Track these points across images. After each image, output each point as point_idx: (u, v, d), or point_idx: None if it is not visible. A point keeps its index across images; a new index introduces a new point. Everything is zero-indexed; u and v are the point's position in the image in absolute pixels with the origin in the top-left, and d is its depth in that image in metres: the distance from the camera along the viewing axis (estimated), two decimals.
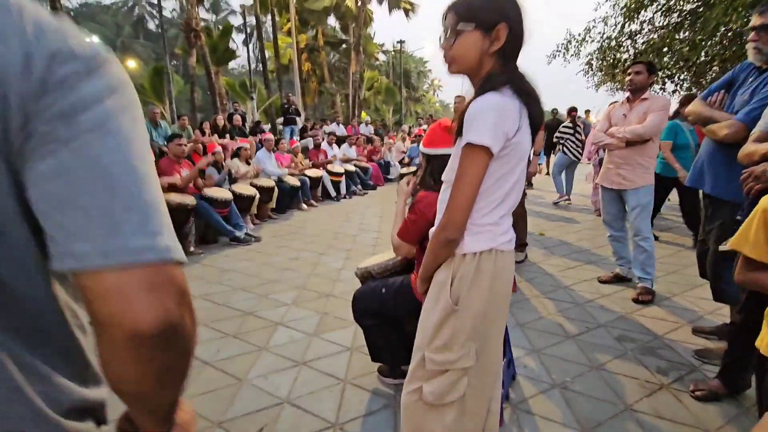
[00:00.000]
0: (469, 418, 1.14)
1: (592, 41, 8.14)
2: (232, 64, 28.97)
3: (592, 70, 8.67)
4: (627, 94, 3.15)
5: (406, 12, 17.40)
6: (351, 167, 8.67)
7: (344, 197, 8.00)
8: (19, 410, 0.41)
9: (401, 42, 18.69)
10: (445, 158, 1.77)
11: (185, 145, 4.65)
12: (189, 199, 4.29)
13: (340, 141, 9.91)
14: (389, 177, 10.17)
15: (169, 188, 4.37)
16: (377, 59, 24.58)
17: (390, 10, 17.47)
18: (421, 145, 1.84)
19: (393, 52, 25.26)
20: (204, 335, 2.62)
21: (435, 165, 1.78)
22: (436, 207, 1.71)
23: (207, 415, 1.86)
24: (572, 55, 8.45)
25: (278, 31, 17.36)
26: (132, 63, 20.84)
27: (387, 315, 1.91)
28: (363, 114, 17.45)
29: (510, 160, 1.06)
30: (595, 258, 4.02)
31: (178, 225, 4.24)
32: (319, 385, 2.07)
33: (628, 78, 3.04)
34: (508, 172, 1.08)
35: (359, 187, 8.67)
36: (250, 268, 3.92)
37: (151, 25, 35.08)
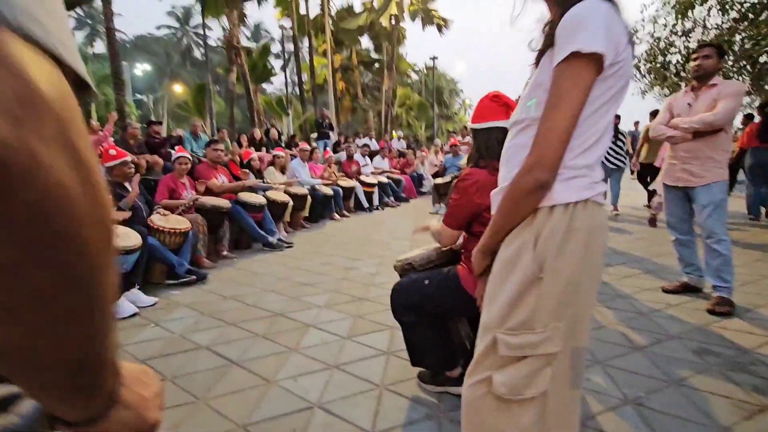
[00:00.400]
0: (553, 421, 0.88)
1: (640, 42, 7.70)
2: (270, 89, 30.20)
3: (640, 72, 8.17)
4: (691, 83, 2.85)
5: (439, 28, 17.47)
6: (384, 179, 8.58)
7: (377, 208, 7.88)
8: None
9: (434, 58, 18.73)
10: (492, 132, 1.59)
11: (222, 150, 4.68)
12: (223, 203, 4.27)
13: (372, 154, 9.89)
14: (422, 190, 10.00)
15: (206, 191, 4.38)
16: (409, 77, 24.79)
17: (423, 26, 17.60)
18: (469, 122, 1.70)
19: (425, 70, 25.45)
20: (232, 335, 2.49)
21: (482, 139, 1.61)
22: (483, 185, 1.52)
23: (232, 417, 1.70)
24: None
25: (314, 52, 17.92)
26: (179, 88, 22.07)
27: (429, 310, 1.69)
28: (394, 134, 17.52)
29: (616, 83, 0.85)
30: (655, 267, 3.62)
31: (213, 228, 4.22)
32: (352, 390, 1.87)
33: (695, 63, 2.74)
34: (610, 100, 0.85)
35: (392, 198, 8.54)
36: (282, 272, 3.82)
37: (197, 54, 37.25)
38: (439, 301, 1.66)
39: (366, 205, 7.71)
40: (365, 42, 20.29)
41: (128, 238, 2.93)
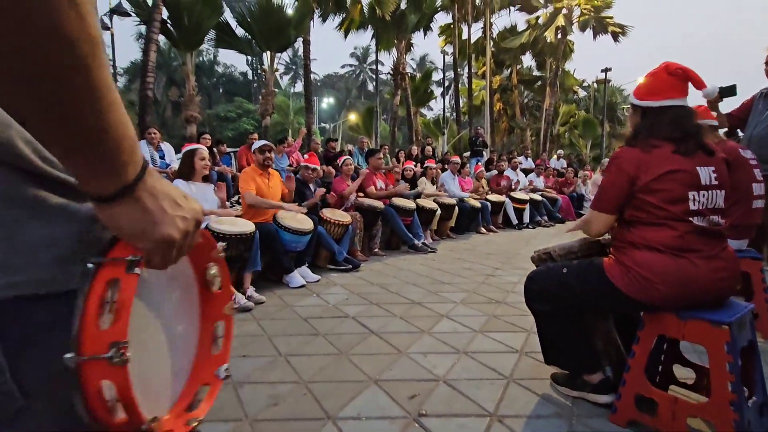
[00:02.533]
0: None
1: None
2: (429, 114, 31.88)
3: None
4: None
5: (615, 36, 15.60)
6: (537, 197, 8.05)
7: (527, 226, 7.44)
8: None
9: (606, 70, 16.73)
10: (667, 111, 1.40)
11: (381, 159, 5.22)
12: (378, 204, 4.73)
13: (527, 172, 9.43)
14: (581, 211, 8.98)
15: (366, 195, 4.94)
16: (576, 93, 22.74)
17: (594, 36, 16.01)
18: (631, 96, 1.53)
19: (596, 84, 22.95)
20: (374, 312, 2.76)
21: (652, 118, 1.42)
22: (637, 163, 1.36)
23: (366, 371, 1.89)
24: None
25: (473, 75, 18.24)
26: (353, 116, 25.32)
27: (567, 302, 1.57)
28: (553, 153, 16.29)
29: None
30: None
31: (368, 226, 4.70)
32: (479, 375, 1.86)
33: None
34: None
35: (545, 218, 7.94)
36: (424, 270, 4.00)
37: (370, 87, 42.06)
38: (579, 292, 1.53)
39: (515, 221, 7.36)
40: (527, 60, 19.64)
41: (304, 222, 3.55)
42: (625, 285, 1.41)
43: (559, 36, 16.28)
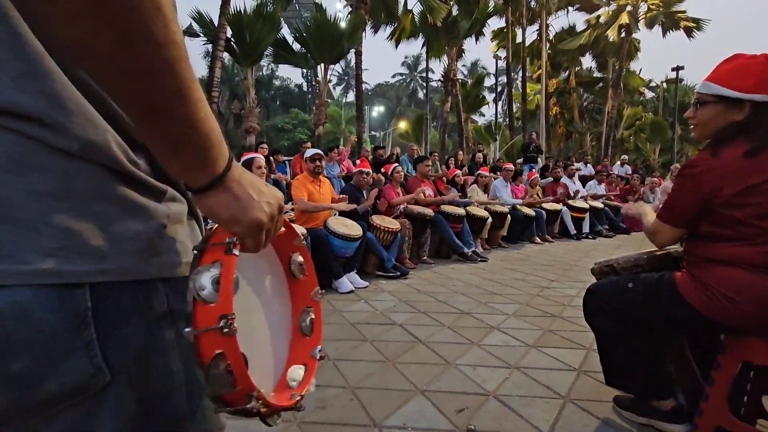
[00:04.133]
0: None
1: None
2: (480, 120, 31.28)
3: None
4: None
5: (688, 32, 14.33)
6: (598, 204, 7.57)
7: (586, 236, 7.01)
8: None
9: (678, 68, 15.38)
10: None
11: (429, 166, 5.19)
12: (428, 211, 4.70)
13: (587, 179, 8.92)
14: None
15: (415, 202, 4.93)
16: (642, 94, 21.16)
17: (664, 33, 14.83)
18: (711, 85, 1.28)
19: (665, 84, 21.23)
20: (422, 320, 2.72)
21: (761, 115, 1.21)
22: (722, 174, 1.21)
23: (413, 380, 1.87)
24: None
25: (528, 79, 17.64)
26: (403, 124, 25.42)
27: (631, 318, 1.44)
28: (616, 159, 15.22)
29: None
30: None
31: (417, 233, 4.68)
32: (532, 392, 1.76)
33: None
34: None
35: (606, 227, 7.44)
36: (474, 280, 3.89)
37: (420, 95, 42.19)
38: (645, 308, 1.40)
39: (573, 231, 6.96)
40: (587, 61, 18.69)
41: (354, 228, 3.60)
42: (702, 304, 1.27)
43: (623, 34, 15.30)
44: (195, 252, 0.46)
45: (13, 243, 0.37)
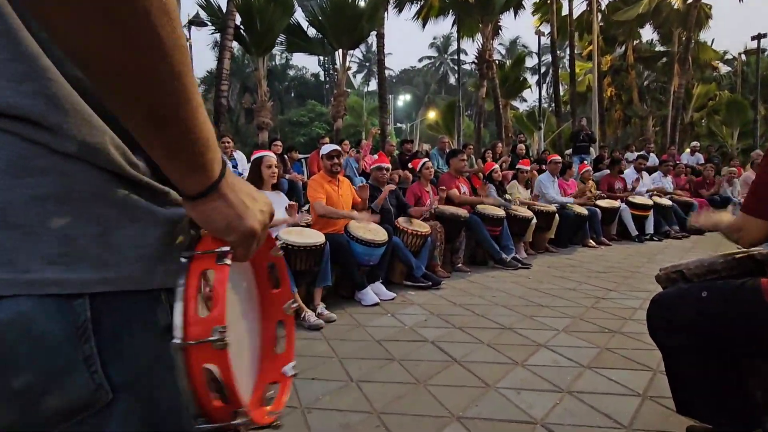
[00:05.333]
0: None
1: None
2: (522, 107, 30.80)
3: None
4: None
5: None
6: (665, 201, 7.29)
7: (650, 238, 6.75)
8: None
9: (761, 36, 14.51)
10: None
11: (464, 161, 5.15)
12: (462, 212, 4.66)
13: (650, 170, 8.62)
14: None
15: (447, 201, 4.90)
16: (715, 69, 20.23)
17: None
18: None
19: (744, 56, 20.21)
20: (457, 337, 2.70)
21: None
22: None
23: (447, 406, 1.85)
24: None
25: (577, 57, 17.23)
26: (432, 114, 25.32)
27: (706, 333, 1.37)
28: (685, 147, 14.57)
29: None
30: None
31: (450, 237, 4.64)
32: (587, 421, 1.71)
33: None
34: None
35: (676, 227, 7.14)
36: (517, 290, 3.83)
37: (452, 80, 41.98)
38: (725, 323, 1.33)
39: (635, 232, 6.73)
40: (647, 34, 18.10)
41: (378, 233, 3.62)
42: None
43: (690, 0, 14.69)
44: (183, 260, 0.48)
45: (13, 250, 0.39)
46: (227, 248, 0.48)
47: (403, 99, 38.14)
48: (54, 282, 0.40)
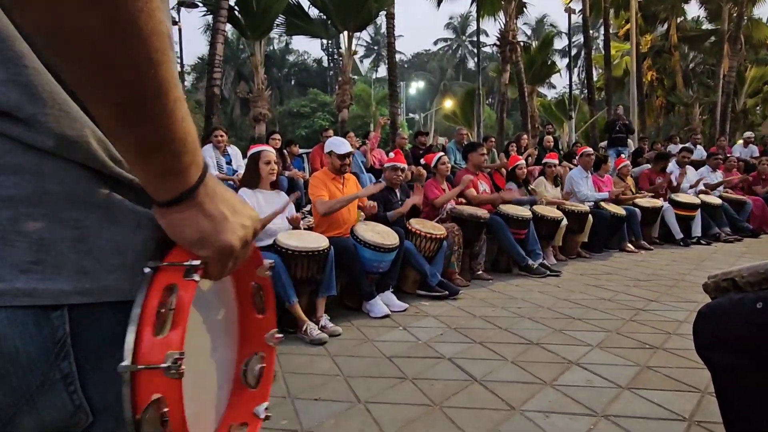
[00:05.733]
0: None
1: None
2: (550, 94, 30.63)
3: None
4: None
5: None
6: (714, 199, 7.21)
7: (696, 241, 6.68)
8: None
9: None
10: None
11: (485, 155, 5.14)
12: (482, 212, 4.65)
13: (697, 165, 8.55)
14: None
15: (464, 200, 4.90)
16: None
17: None
18: None
19: None
20: (477, 353, 2.71)
21: None
22: None
23: (466, 430, 1.85)
24: None
25: (613, 37, 17.12)
26: (449, 103, 25.30)
27: (762, 350, 1.35)
28: (738, 138, 14.38)
29: None
30: None
31: (468, 241, 4.64)
32: None
33: None
34: None
35: (727, 229, 7.06)
36: (545, 300, 3.81)
37: (470, 65, 41.99)
38: None
39: (679, 235, 6.67)
40: (692, 10, 17.92)
41: (388, 236, 3.63)
42: None
43: None
44: (147, 270, 0.46)
45: None
46: (197, 262, 0.47)
47: (416, 86, 38.17)
48: (26, 292, 0.40)
